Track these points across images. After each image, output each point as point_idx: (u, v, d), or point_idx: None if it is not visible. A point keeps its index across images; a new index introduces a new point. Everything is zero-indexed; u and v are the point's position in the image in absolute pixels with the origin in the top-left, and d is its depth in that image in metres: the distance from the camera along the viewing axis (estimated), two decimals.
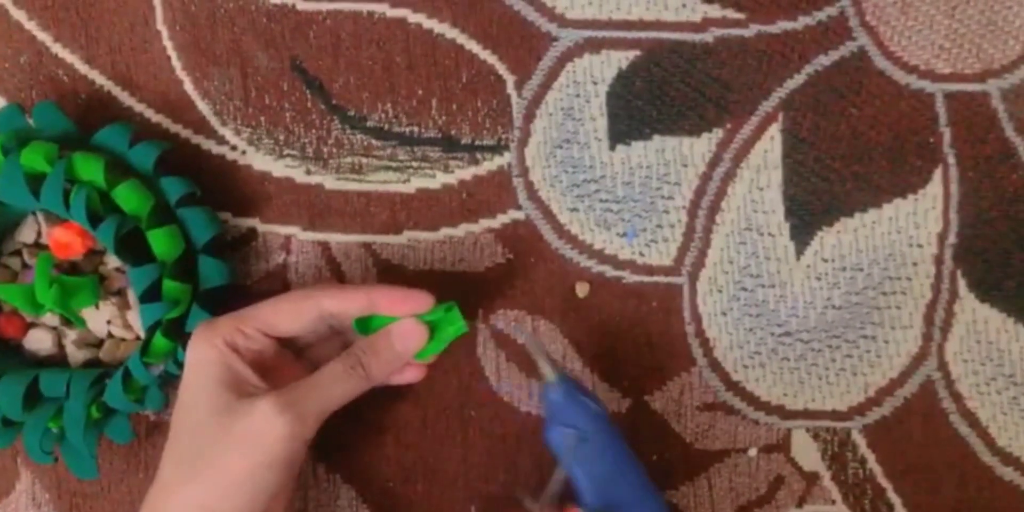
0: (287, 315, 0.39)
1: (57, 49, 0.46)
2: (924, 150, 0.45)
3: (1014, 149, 0.45)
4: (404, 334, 0.39)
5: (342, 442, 0.46)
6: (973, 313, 0.45)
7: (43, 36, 0.47)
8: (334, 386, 0.38)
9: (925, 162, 0.45)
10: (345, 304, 0.39)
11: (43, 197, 0.41)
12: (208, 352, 0.38)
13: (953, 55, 0.44)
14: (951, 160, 0.45)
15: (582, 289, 0.46)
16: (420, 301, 0.39)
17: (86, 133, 0.43)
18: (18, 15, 0.46)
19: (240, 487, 0.36)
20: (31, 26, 0.46)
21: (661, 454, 0.46)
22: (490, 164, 0.46)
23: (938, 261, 0.45)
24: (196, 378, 0.38)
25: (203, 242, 0.43)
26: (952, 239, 0.45)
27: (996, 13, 0.44)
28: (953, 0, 0.44)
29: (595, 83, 0.45)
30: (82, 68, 0.47)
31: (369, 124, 0.46)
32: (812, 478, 0.46)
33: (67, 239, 0.43)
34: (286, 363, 0.41)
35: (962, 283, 0.45)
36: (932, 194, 0.45)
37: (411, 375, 0.42)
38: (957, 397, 0.45)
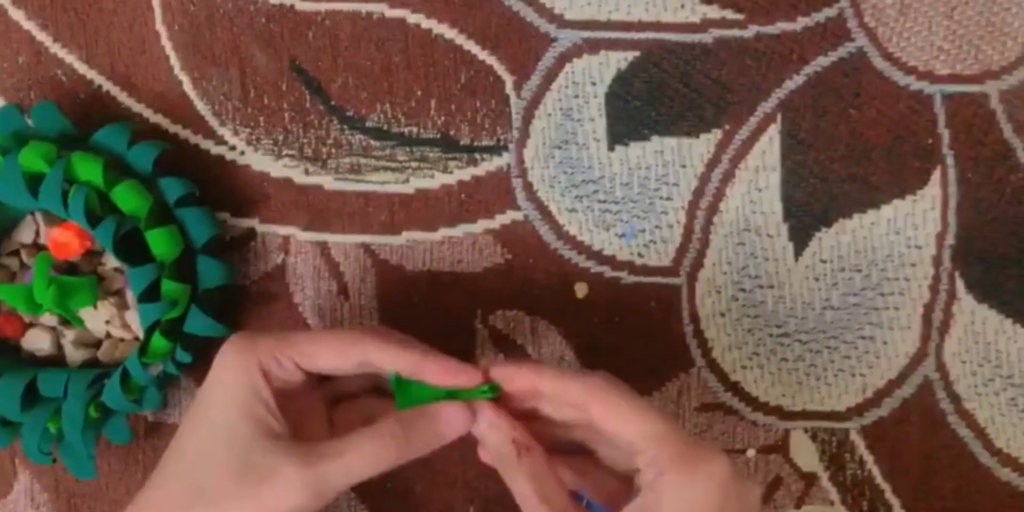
0: (329, 354, 0.37)
1: (56, 49, 0.46)
2: (923, 151, 0.45)
3: (1013, 150, 0.45)
4: (452, 420, 0.37)
5: None
6: (971, 314, 0.45)
7: (42, 36, 0.47)
8: (362, 469, 0.35)
9: (924, 163, 0.45)
10: (392, 362, 0.37)
11: (41, 197, 0.41)
12: (239, 374, 0.36)
13: (952, 56, 0.44)
14: (950, 161, 0.45)
15: (581, 289, 0.46)
16: (469, 378, 0.37)
17: (85, 133, 0.44)
18: (17, 15, 0.46)
19: None
20: (30, 26, 0.46)
21: None
22: (489, 165, 0.46)
23: (936, 262, 0.45)
24: (221, 395, 0.36)
25: (202, 242, 0.43)
26: (951, 240, 0.45)
27: (995, 14, 0.44)
28: (952, 1, 0.44)
29: (594, 84, 0.45)
30: (81, 68, 0.47)
31: (368, 124, 0.46)
32: (810, 479, 0.46)
33: (65, 239, 0.43)
34: (307, 390, 0.39)
35: (960, 284, 0.45)
36: (931, 195, 0.45)
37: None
38: (955, 398, 0.46)
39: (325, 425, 0.40)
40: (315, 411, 0.39)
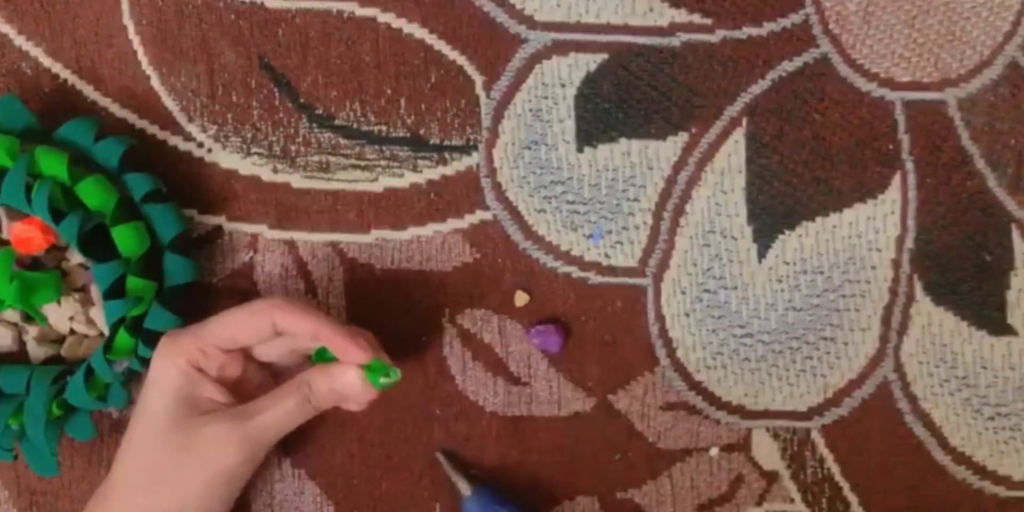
0: (244, 331, 0.40)
1: (20, 42, 0.46)
2: (884, 156, 0.46)
3: (970, 157, 0.46)
4: (345, 384, 0.40)
5: (308, 437, 0.46)
6: (929, 316, 0.46)
7: (6, 28, 0.46)
8: (288, 419, 0.41)
9: (884, 168, 0.46)
10: (294, 324, 0.40)
11: (4, 192, 0.40)
12: (172, 372, 0.40)
13: (912, 64, 0.45)
14: (909, 167, 0.46)
15: (520, 299, 0.46)
16: (358, 355, 0.40)
17: (49, 127, 0.43)
18: None
19: (197, 498, 0.40)
20: None
21: (624, 453, 0.47)
22: (458, 164, 0.46)
23: (896, 265, 0.46)
24: (159, 394, 0.40)
25: (168, 239, 0.43)
26: (910, 244, 0.46)
27: (955, 24, 0.45)
28: (913, 10, 0.45)
29: (563, 85, 0.46)
30: (46, 61, 0.46)
31: (337, 123, 0.46)
32: (772, 477, 0.47)
33: (28, 234, 0.42)
34: (247, 365, 0.42)
35: (919, 287, 0.46)
36: (891, 199, 0.46)
37: (353, 405, 0.43)
38: (912, 398, 0.47)
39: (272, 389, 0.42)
40: (260, 381, 0.43)
